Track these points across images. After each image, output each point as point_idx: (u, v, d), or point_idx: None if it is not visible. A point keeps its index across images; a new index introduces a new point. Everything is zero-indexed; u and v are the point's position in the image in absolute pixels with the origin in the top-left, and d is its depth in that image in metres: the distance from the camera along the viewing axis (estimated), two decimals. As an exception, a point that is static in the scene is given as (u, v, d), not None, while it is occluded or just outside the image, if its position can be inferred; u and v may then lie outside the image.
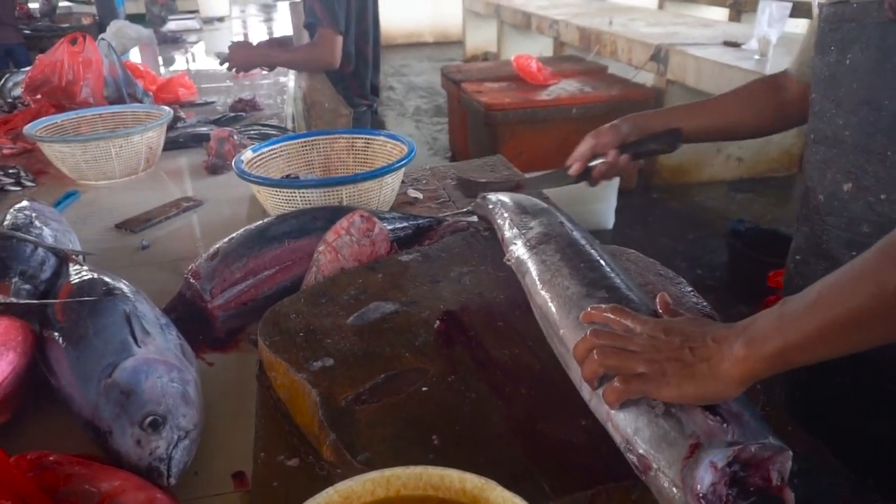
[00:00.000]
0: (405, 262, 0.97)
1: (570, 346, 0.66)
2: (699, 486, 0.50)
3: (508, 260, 0.87)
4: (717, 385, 0.54)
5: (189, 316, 0.95)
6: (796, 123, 1.04)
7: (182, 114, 2.11)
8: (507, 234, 0.92)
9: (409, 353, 0.76)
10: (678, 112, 1.09)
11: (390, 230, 1.06)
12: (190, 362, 0.83)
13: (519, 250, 0.86)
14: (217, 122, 2.10)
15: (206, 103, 2.45)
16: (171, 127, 1.95)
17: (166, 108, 1.78)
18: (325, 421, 0.66)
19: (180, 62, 3.76)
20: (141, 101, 2.17)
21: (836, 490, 0.61)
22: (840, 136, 0.77)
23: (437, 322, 0.81)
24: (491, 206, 1.04)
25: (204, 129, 1.96)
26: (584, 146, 1.07)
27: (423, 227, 1.14)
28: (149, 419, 0.69)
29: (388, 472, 0.51)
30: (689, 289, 0.89)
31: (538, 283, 0.77)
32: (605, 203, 3.13)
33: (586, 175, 1.08)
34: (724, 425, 0.53)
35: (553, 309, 0.72)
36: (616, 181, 3.12)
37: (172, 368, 0.77)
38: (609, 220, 3.17)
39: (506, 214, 0.97)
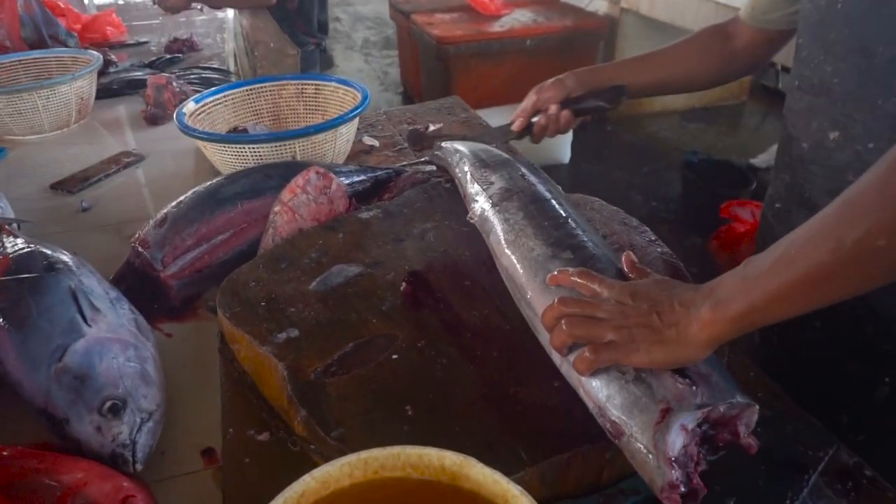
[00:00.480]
0: (366, 219, 0.94)
1: (537, 310, 0.65)
2: (671, 451, 0.51)
3: (471, 218, 0.85)
4: (686, 349, 0.54)
5: (140, 286, 0.90)
6: (746, 73, 1.06)
7: (113, 57, 1.96)
8: (469, 189, 0.89)
9: (376, 318, 0.74)
10: (626, 66, 1.08)
11: (348, 185, 1.02)
12: (147, 337, 0.79)
13: (481, 208, 0.84)
14: (152, 66, 1.96)
15: (139, 44, 2.28)
16: (102, 72, 1.81)
17: (95, 52, 1.65)
18: (294, 397, 0.64)
19: (105, -5, 3.48)
20: (65, 44, 1.99)
21: (798, 436, 0.63)
22: (828, 84, 0.75)
23: (403, 284, 0.79)
24: (449, 158, 1.01)
25: (139, 74, 1.83)
26: (527, 101, 1.05)
27: (381, 179, 1.10)
28: (108, 404, 0.66)
29: (364, 454, 0.50)
30: (654, 237, 0.89)
31: (503, 243, 0.76)
32: (560, 138, 3.10)
33: (528, 131, 1.06)
34: (693, 388, 0.54)
35: (519, 271, 0.71)
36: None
37: (128, 346, 0.73)
38: (565, 155, 3.16)
39: (465, 168, 0.93)
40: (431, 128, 1.42)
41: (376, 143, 1.37)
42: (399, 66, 4.34)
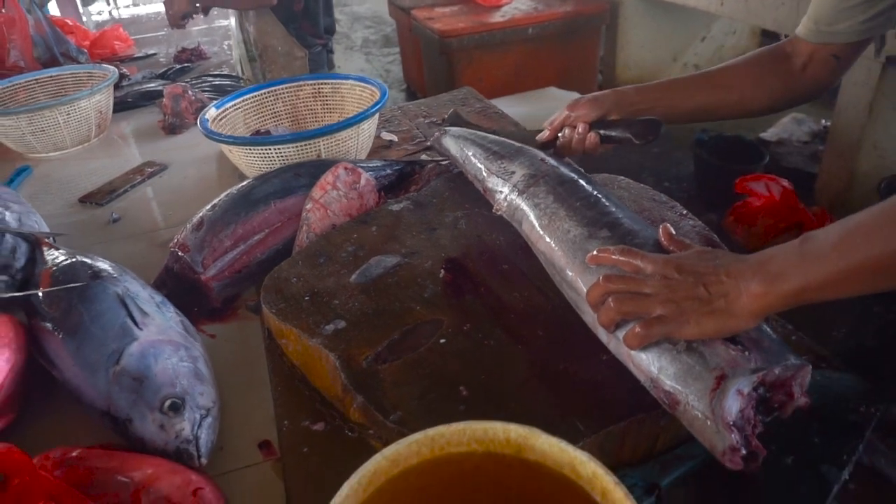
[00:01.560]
0: (397, 211, 0.95)
1: (580, 290, 0.66)
2: (729, 415, 0.52)
3: (497, 210, 0.86)
4: (737, 320, 0.55)
5: (181, 290, 0.92)
6: (808, 97, 0.92)
7: (125, 70, 1.98)
8: (489, 183, 0.90)
9: (419, 306, 0.75)
10: (674, 88, 0.95)
11: (375, 179, 1.03)
12: (194, 338, 0.81)
13: (508, 198, 0.84)
14: (164, 77, 1.98)
15: (147, 56, 2.30)
16: (116, 86, 1.83)
17: (110, 66, 1.67)
18: (349, 384, 0.65)
19: (99, 6, 3.51)
20: (76, 60, 2.02)
21: (847, 394, 0.64)
22: None
23: (443, 272, 0.81)
24: (454, 153, 1.01)
25: (153, 86, 1.85)
26: (559, 114, 0.97)
27: (405, 172, 1.11)
28: (168, 402, 0.67)
29: (431, 431, 0.52)
30: (684, 211, 0.90)
31: (537, 228, 0.76)
32: (568, 124, 3.11)
33: (552, 144, 0.98)
34: (746, 353, 0.55)
35: (558, 254, 0.72)
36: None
37: (179, 347, 0.75)
38: (574, 141, 3.16)
39: (479, 163, 0.93)
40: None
41: (395, 137, 1.38)
42: (401, 64, 4.34)
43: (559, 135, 0.96)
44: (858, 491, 0.58)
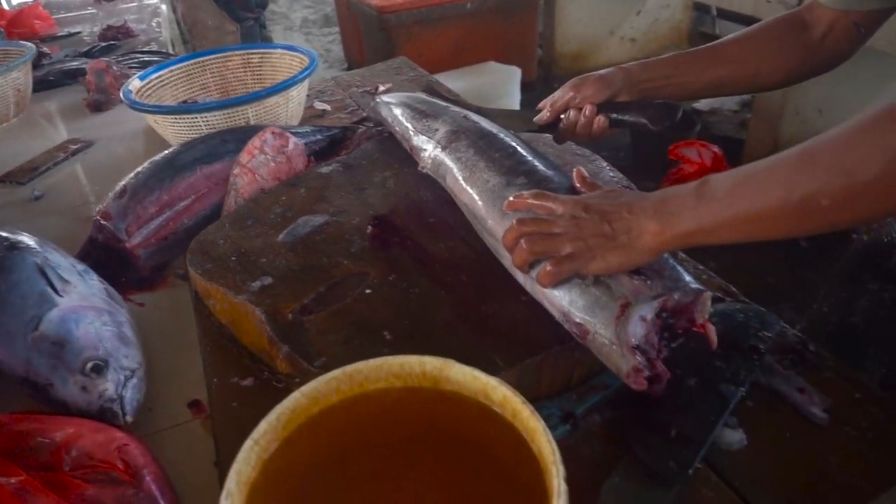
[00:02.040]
0: (326, 173, 0.95)
1: (499, 236, 0.69)
2: (633, 339, 0.55)
3: (423, 168, 0.87)
4: (638, 254, 0.58)
5: (106, 260, 0.90)
6: (827, 68, 0.84)
7: (46, 49, 1.90)
8: (414, 141, 0.91)
9: (347, 260, 0.76)
10: (685, 62, 0.86)
11: (305, 144, 1.03)
12: (119, 304, 0.80)
13: (431, 155, 0.86)
14: (89, 55, 1.90)
15: (70, 35, 2.21)
16: (35, 65, 1.75)
17: (27, 43, 1.60)
18: (274, 335, 0.66)
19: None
20: (-7, 39, 1.92)
21: (748, 322, 0.68)
22: None
23: (370, 227, 0.82)
24: (384, 114, 1.02)
25: (76, 64, 1.78)
26: (561, 93, 0.87)
27: (337, 137, 1.11)
28: (90, 364, 0.67)
29: (349, 368, 0.53)
30: (605, 164, 0.93)
31: (459, 182, 0.78)
32: (509, 99, 3.14)
33: (553, 127, 0.88)
34: (649, 282, 0.58)
35: (478, 204, 0.74)
36: (517, 73, 3.12)
37: (102, 312, 0.74)
38: (516, 116, 3.19)
39: (406, 123, 0.95)
40: (381, 88, 1.43)
41: (328, 107, 1.38)
42: (342, 43, 4.28)
43: (561, 117, 0.87)
44: (756, 408, 0.62)
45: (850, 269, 0.99)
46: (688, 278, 0.60)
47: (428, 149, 0.86)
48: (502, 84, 3.12)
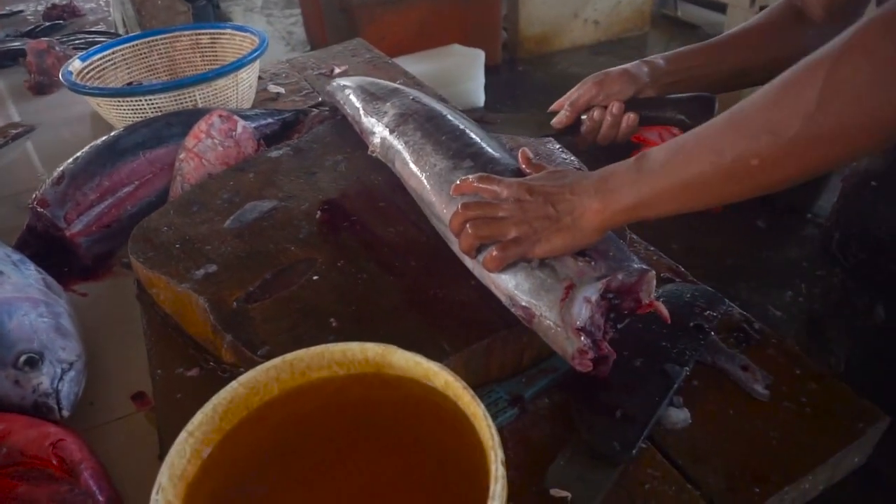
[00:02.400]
0: (276, 157, 0.93)
1: (447, 221, 0.68)
2: (577, 321, 0.55)
3: (373, 151, 0.86)
4: (582, 235, 0.58)
5: (46, 249, 0.87)
6: None
7: (-15, 30, 1.81)
8: (365, 124, 0.89)
9: (294, 246, 0.75)
10: (709, 52, 0.82)
11: (255, 128, 1.00)
12: (58, 295, 0.77)
13: (380, 138, 0.84)
14: (31, 35, 1.82)
15: (12, 13, 2.11)
16: (-26, 46, 1.68)
17: (-39, 22, 1.52)
18: (218, 324, 0.64)
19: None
20: (-72, 19, 1.83)
21: (695, 302, 0.69)
22: None
23: (319, 212, 0.80)
24: (337, 96, 1.00)
25: (17, 44, 1.70)
26: (581, 91, 0.82)
27: (289, 121, 1.09)
28: (24, 357, 0.64)
29: (289, 356, 0.52)
30: (557, 146, 0.93)
31: (408, 166, 0.77)
32: (473, 82, 3.11)
33: (573, 129, 0.82)
34: (593, 263, 0.58)
35: (427, 188, 0.73)
36: (481, 56, 3.10)
37: (38, 304, 0.71)
38: (480, 99, 3.17)
39: (357, 104, 0.93)
40: (337, 70, 1.40)
41: (282, 90, 1.34)
42: (303, 25, 4.19)
43: (582, 118, 0.81)
44: (701, 386, 0.63)
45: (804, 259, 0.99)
46: (633, 259, 0.60)
47: (377, 132, 0.85)
48: (466, 67, 3.10)
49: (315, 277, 0.70)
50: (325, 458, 0.51)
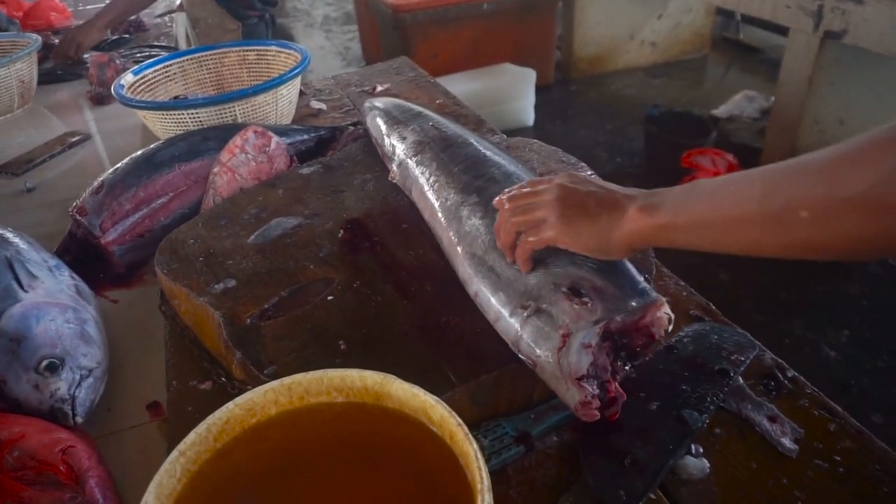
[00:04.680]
0: (306, 174, 0.94)
1: (454, 254, 0.68)
2: (577, 371, 0.52)
3: (393, 178, 0.86)
4: (610, 239, 0.55)
5: (84, 255, 0.90)
6: None
7: (56, 41, 1.92)
8: (386, 148, 0.90)
9: (313, 265, 0.75)
10: None
11: (289, 144, 1.02)
12: (88, 301, 0.79)
13: (397, 166, 0.85)
14: (98, 49, 1.92)
15: (84, 27, 2.22)
16: (46, 57, 1.77)
17: (33, 35, 1.61)
18: (229, 340, 0.65)
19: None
20: (6, 31, 1.95)
21: (723, 344, 0.65)
22: None
23: (341, 231, 0.80)
24: (368, 119, 1.00)
25: (84, 57, 1.79)
26: None
27: (325, 138, 1.10)
28: (45, 362, 0.66)
29: (287, 379, 0.51)
30: (591, 172, 0.90)
31: (422, 196, 0.78)
32: (523, 101, 3.10)
33: None
34: (589, 305, 0.54)
35: (439, 223, 0.73)
36: (532, 75, 3.08)
37: (66, 309, 0.73)
38: (529, 118, 3.16)
39: (380, 128, 0.94)
40: (379, 88, 1.41)
41: (324, 106, 1.36)
42: (360, 41, 4.28)
43: None
44: (723, 435, 0.59)
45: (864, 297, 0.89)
46: (639, 292, 0.55)
47: (395, 159, 0.85)
48: (517, 86, 3.09)
49: (330, 298, 0.69)
50: (317, 483, 0.50)
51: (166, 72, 1.27)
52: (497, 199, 0.65)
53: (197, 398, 0.68)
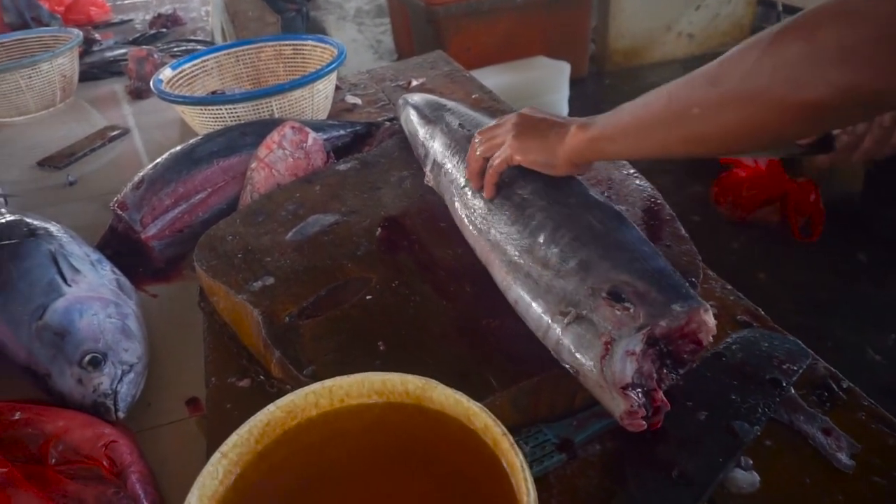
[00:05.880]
0: (343, 171, 0.93)
1: (487, 264, 0.68)
2: (621, 379, 0.50)
3: (428, 182, 0.85)
4: (555, 153, 0.64)
5: (124, 249, 0.91)
6: None
7: (96, 35, 1.95)
8: (419, 150, 0.89)
9: (351, 263, 0.74)
10: None
11: (326, 139, 1.01)
12: (129, 296, 0.80)
13: (431, 170, 0.85)
14: (136, 42, 1.95)
15: (123, 22, 2.27)
16: (87, 52, 1.81)
17: (75, 30, 1.64)
18: (268, 339, 0.64)
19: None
20: (48, 25, 1.99)
21: (774, 352, 0.63)
22: None
23: (379, 229, 0.79)
24: (402, 116, 1.00)
25: (123, 51, 1.82)
26: None
27: (360, 133, 1.09)
28: (88, 357, 0.67)
29: (329, 382, 0.51)
30: (632, 170, 0.88)
31: (452, 205, 0.77)
32: (557, 94, 3.06)
33: (826, 145, 0.63)
34: (631, 310, 0.52)
35: (470, 230, 0.72)
36: (566, 68, 3.04)
37: (108, 304, 0.74)
38: (563, 111, 3.12)
39: (414, 129, 0.94)
40: (414, 83, 1.40)
41: (359, 101, 1.36)
42: (392, 34, 4.27)
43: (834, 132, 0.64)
44: (775, 448, 0.57)
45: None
46: (683, 296, 0.53)
47: (428, 163, 0.85)
48: (551, 79, 3.05)
49: (368, 297, 0.69)
50: (356, 485, 0.50)
51: (203, 66, 1.28)
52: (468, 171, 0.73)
53: (235, 395, 0.68)
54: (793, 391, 0.60)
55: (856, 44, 0.40)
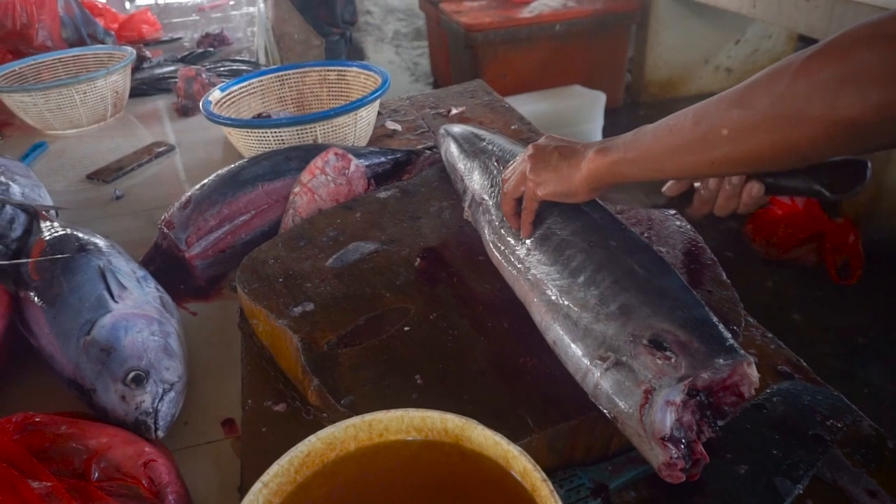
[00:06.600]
0: (384, 199, 0.95)
1: (527, 301, 0.68)
2: (661, 430, 0.50)
3: (467, 217, 0.87)
4: (572, 182, 0.65)
5: (168, 266, 0.93)
6: None
7: (147, 53, 2.02)
8: (458, 185, 0.91)
9: (389, 293, 0.75)
10: None
11: (367, 166, 1.03)
12: (171, 314, 0.82)
13: (469, 206, 0.86)
14: (184, 61, 2.01)
15: (173, 40, 2.34)
16: (138, 68, 1.87)
17: (128, 48, 1.70)
18: (307, 366, 0.65)
19: (144, -5, 3.57)
20: (103, 42, 2.06)
21: (816, 406, 0.62)
22: None
23: (418, 260, 0.80)
24: (443, 146, 1.01)
25: (171, 68, 1.88)
26: None
27: (401, 161, 1.11)
28: (131, 374, 0.68)
29: (369, 416, 0.51)
30: (672, 211, 0.88)
31: (489, 244, 0.78)
32: (592, 124, 3.07)
33: (686, 198, 0.67)
34: (673, 360, 0.51)
35: (508, 269, 0.73)
36: (601, 98, 3.04)
37: (152, 322, 0.76)
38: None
39: (453, 163, 0.95)
40: (454, 111, 1.42)
41: (399, 127, 1.38)
42: (429, 57, 4.34)
43: (696, 185, 0.66)
44: (816, 506, 0.56)
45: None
46: (725, 348, 0.52)
47: (466, 199, 0.86)
48: (586, 109, 3.06)
49: (406, 328, 0.69)
50: (394, 521, 0.50)
51: (251, 88, 1.31)
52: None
53: (271, 420, 0.69)
54: (835, 449, 0.59)
55: None
